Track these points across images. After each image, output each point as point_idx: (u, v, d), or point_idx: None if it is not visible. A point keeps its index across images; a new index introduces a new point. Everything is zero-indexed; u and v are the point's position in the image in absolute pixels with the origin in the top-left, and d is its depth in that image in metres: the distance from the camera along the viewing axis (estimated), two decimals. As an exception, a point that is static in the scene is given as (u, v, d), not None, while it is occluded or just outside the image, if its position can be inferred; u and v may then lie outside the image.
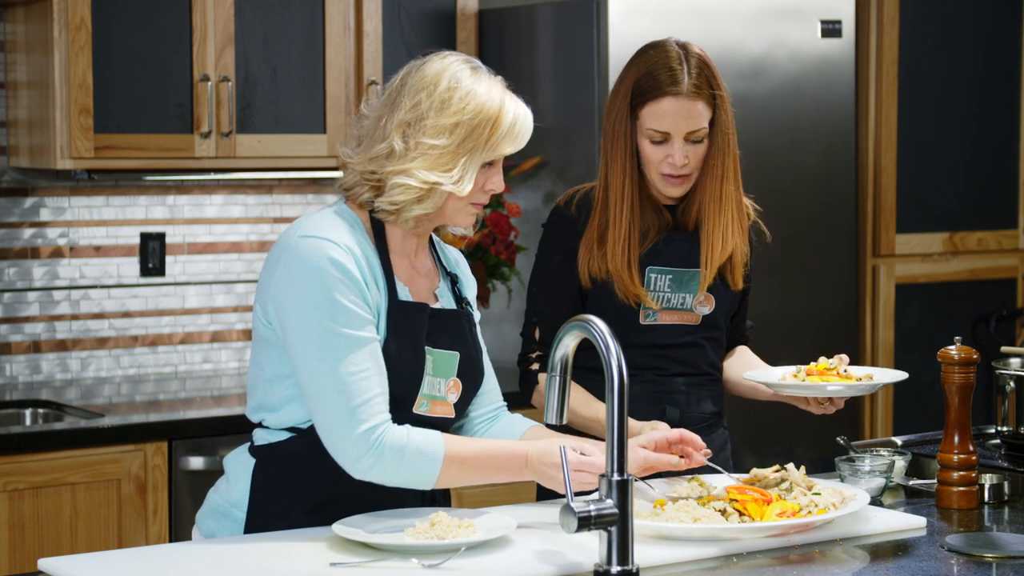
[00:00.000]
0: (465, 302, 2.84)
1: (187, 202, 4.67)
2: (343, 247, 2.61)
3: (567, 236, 3.14)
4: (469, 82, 2.68)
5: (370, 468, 2.58)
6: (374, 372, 2.60)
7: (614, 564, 2.31)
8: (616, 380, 2.33)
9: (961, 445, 2.92)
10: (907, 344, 5.32)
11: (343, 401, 2.57)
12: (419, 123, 2.65)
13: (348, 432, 2.57)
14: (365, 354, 2.59)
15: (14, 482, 3.76)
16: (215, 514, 2.73)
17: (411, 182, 2.63)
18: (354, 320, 2.59)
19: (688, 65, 3.03)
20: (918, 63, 5.34)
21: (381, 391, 2.60)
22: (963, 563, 2.53)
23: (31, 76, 4.27)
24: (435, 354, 2.71)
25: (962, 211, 5.49)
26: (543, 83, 4.77)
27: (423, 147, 2.64)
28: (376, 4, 4.61)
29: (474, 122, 2.65)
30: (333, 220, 2.66)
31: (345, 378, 2.57)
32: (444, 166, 2.64)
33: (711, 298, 3.15)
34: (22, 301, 4.45)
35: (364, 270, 2.63)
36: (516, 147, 2.72)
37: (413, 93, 2.67)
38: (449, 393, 2.74)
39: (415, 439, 2.59)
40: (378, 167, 2.66)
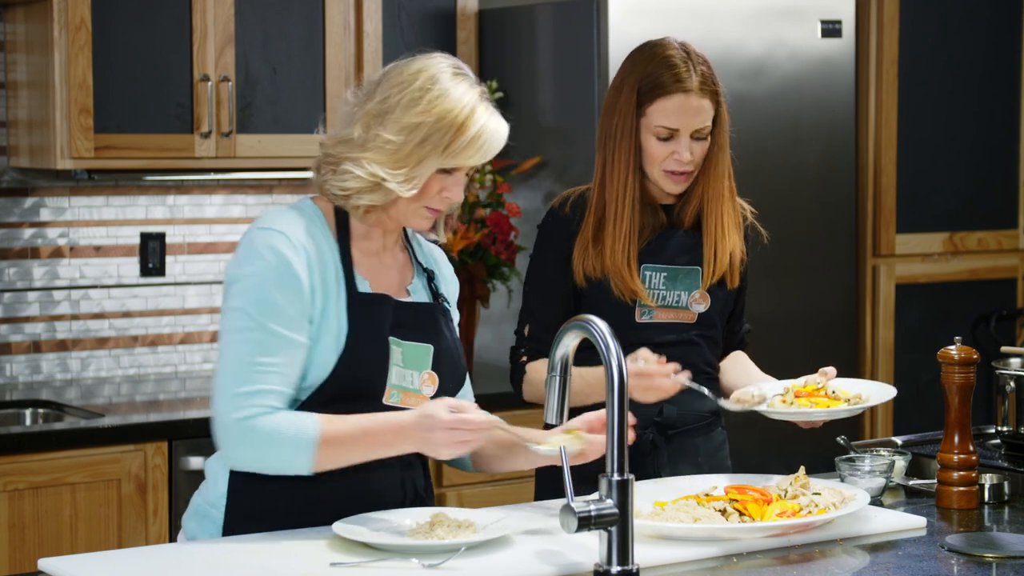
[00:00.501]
0: (441, 297, 2.84)
1: (187, 202, 4.67)
2: (294, 242, 2.62)
3: (561, 237, 3.14)
4: (444, 85, 2.66)
5: (244, 456, 2.59)
6: (280, 371, 2.59)
7: (614, 564, 2.31)
8: (616, 379, 2.33)
9: (961, 445, 2.92)
10: (907, 344, 5.32)
11: (233, 385, 2.58)
12: (383, 116, 2.65)
13: (226, 416, 2.58)
14: (279, 351, 2.59)
15: (14, 482, 3.76)
16: (196, 515, 2.74)
17: (358, 171, 2.64)
18: (280, 317, 2.59)
19: (693, 63, 3.05)
20: (918, 63, 5.34)
21: (279, 389, 2.59)
22: (963, 563, 2.53)
23: (31, 76, 4.27)
24: (404, 346, 2.70)
25: (962, 211, 5.49)
26: (543, 83, 4.77)
27: (379, 140, 2.64)
28: (376, 4, 4.62)
29: (437, 125, 2.63)
30: (291, 214, 2.68)
31: (245, 366, 2.58)
32: (395, 164, 2.64)
33: (706, 296, 3.15)
34: (22, 301, 4.45)
35: (314, 267, 2.63)
36: (480, 159, 2.68)
37: (388, 87, 2.68)
38: (424, 386, 2.73)
39: (287, 423, 2.58)
40: (338, 151, 2.68)
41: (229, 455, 2.61)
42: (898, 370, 5.30)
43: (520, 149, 4.81)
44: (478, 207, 4.72)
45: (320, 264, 2.65)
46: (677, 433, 3.14)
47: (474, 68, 4.85)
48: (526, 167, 4.76)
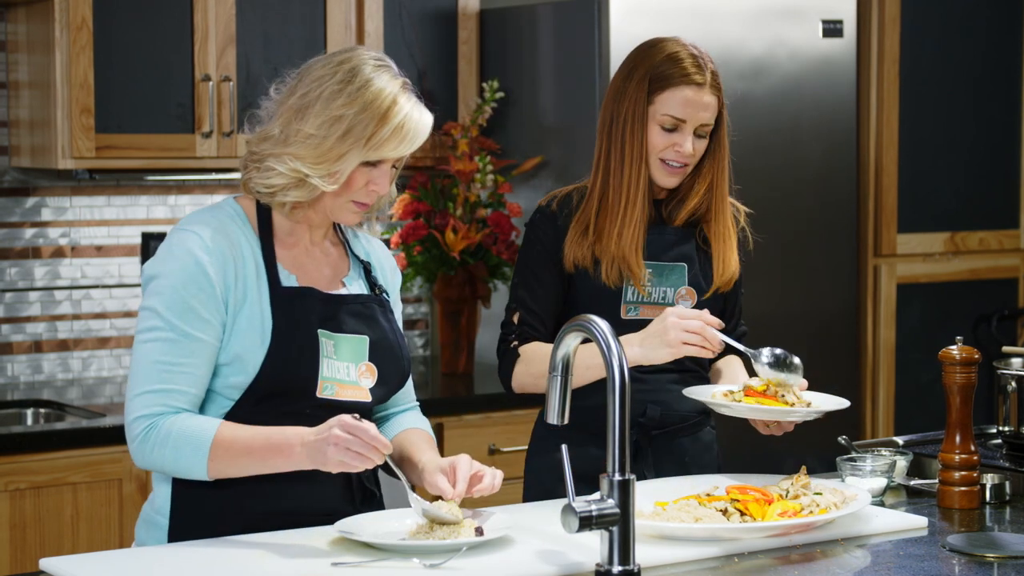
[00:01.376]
0: (379, 288, 2.83)
1: (188, 202, 4.67)
2: (207, 242, 2.62)
3: (548, 231, 3.15)
4: (366, 77, 2.64)
5: (146, 456, 2.60)
6: (186, 370, 2.59)
7: (615, 564, 2.31)
8: (618, 379, 2.33)
9: (962, 445, 2.92)
10: (908, 344, 5.32)
11: (140, 384, 2.60)
12: (305, 111, 2.64)
13: (129, 415, 2.60)
14: (187, 351, 2.59)
15: (15, 482, 3.76)
16: (144, 523, 2.74)
17: (281, 168, 2.64)
18: (189, 317, 2.59)
19: (704, 60, 3.08)
20: (919, 63, 5.34)
21: (186, 390, 2.60)
22: (964, 563, 2.53)
23: (32, 76, 4.27)
24: (337, 338, 2.69)
25: (963, 211, 5.49)
26: (544, 83, 4.77)
27: (301, 135, 2.63)
28: (377, 4, 4.61)
29: (358, 117, 2.62)
30: (208, 215, 2.68)
31: (153, 364, 2.59)
32: (317, 159, 2.63)
33: (692, 292, 3.15)
34: (23, 301, 4.45)
35: (228, 266, 2.63)
36: (403, 150, 2.66)
37: (308, 81, 2.68)
38: (362, 378, 2.72)
39: (186, 425, 2.58)
40: (261, 148, 2.68)
41: (134, 455, 2.62)
42: (899, 370, 5.30)
43: (521, 149, 4.81)
44: (479, 207, 4.72)
45: (238, 263, 2.64)
46: (661, 434, 3.14)
47: (475, 68, 4.85)
48: (527, 167, 4.76)
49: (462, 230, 4.65)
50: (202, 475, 2.59)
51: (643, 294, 3.10)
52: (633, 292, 3.10)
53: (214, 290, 2.61)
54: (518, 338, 3.15)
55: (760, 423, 3.02)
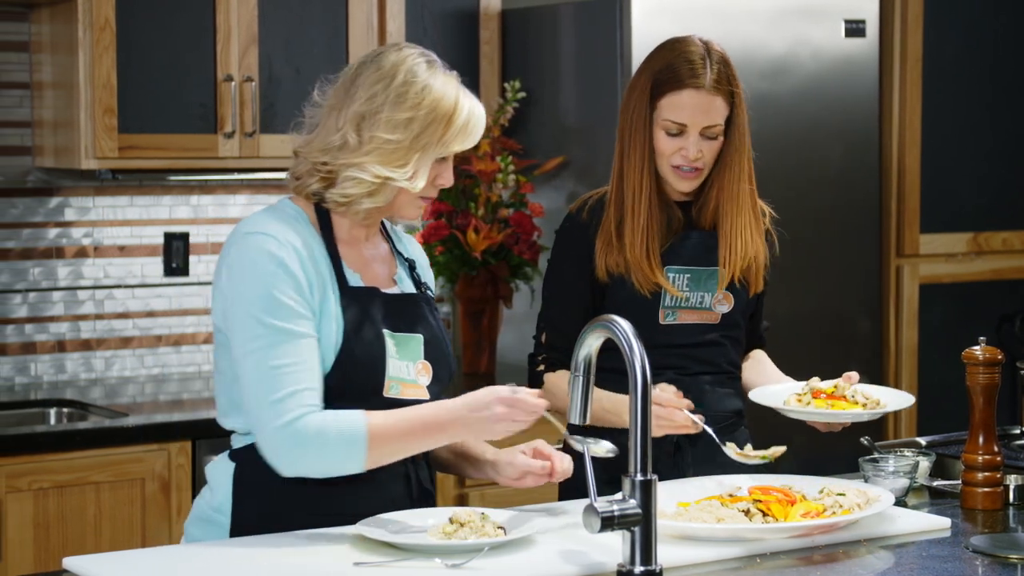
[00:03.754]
0: (424, 286, 2.84)
1: (211, 202, 4.68)
2: (283, 242, 2.61)
3: (579, 242, 3.14)
4: (425, 76, 2.65)
5: (296, 461, 2.56)
6: (304, 367, 2.57)
7: (637, 564, 2.31)
8: (640, 380, 2.32)
9: (986, 446, 2.91)
10: (931, 344, 5.30)
11: (266, 394, 2.55)
12: (374, 116, 2.64)
13: (268, 425, 2.55)
14: (296, 348, 2.57)
15: (39, 481, 3.78)
16: (200, 521, 2.73)
17: (364, 176, 2.63)
18: (287, 314, 2.58)
19: (710, 60, 3.04)
20: (942, 63, 5.32)
21: (310, 386, 2.57)
22: (988, 564, 2.53)
23: (56, 76, 4.28)
24: (397, 337, 2.70)
25: (986, 211, 5.47)
26: (565, 83, 4.77)
27: (377, 141, 2.63)
28: (399, 4, 4.62)
29: (429, 118, 2.63)
30: (277, 216, 2.66)
31: (271, 371, 2.56)
32: (397, 161, 2.63)
33: (730, 296, 3.15)
34: (47, 301, 4.47)
35: (306, 264, 2.62)
36: (469, 144, 2.70)
37: (368, 85, 2.66)
38: (419, 376, 2.73)
39: (334, 423, 2.56)
40: (331, 158, 2.66)
41: (281, 464, 2.58)
42: (922, 370, 5.29)
43: (543, 149, 4.81)
44: (501, 207, 4.72)
45: (312, 260, 2.64)
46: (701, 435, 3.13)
47: (497, 68, 4.85)
48: (549, 167, 4.76)
49: (484, 230, 4.65)
50: (358, 468, 2.58)
51: (680, 298, 3.09)
52: (672, 298, 3.09)
53: (300, 284, 2.60)
54: (545, 362, 3.15)
55: (820, 423, 3.04)
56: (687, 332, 3.13)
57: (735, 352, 3.20)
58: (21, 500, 3.75)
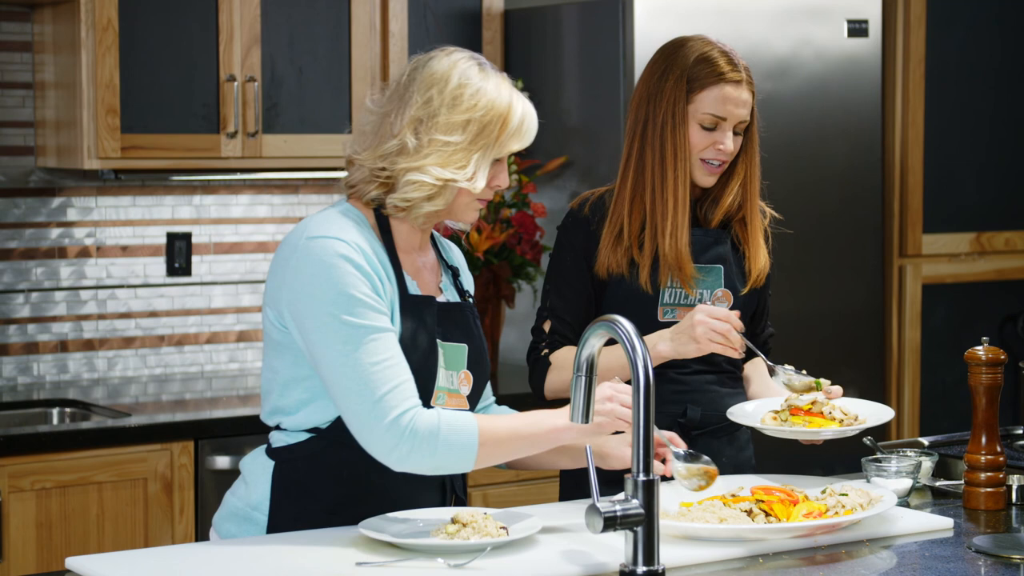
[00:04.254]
0: (467, 295, 2.85)
1: (213, 202, 4.68)
2: (352, 244, 2.60)
3: (580, 236, 3.15)
4: (478, 79, 2.67)
5: (406, 456, 2.56)
6: (397, 360, 2.58)
7: (640, 564, 2.31)
8: (642, 380, 2.32)
9: (988, 446, 2.91)
10: (933, 344, 5.30)
11: (369, 393, 2.55)
12: (432, 119, 2.64)
13: (378, 423, 2.55)
14: (385, 343, 2.58)
15: (41, 481, 3.78)
16: (235, 518, 2.73)
17: (425, 179, 2.63)
18: (370, 311, 2.58)
19: (735, 56, 3.09)
20: (945, 63, 5.32)
21: (407, 378, 2.58)
22: (990, 564, 2.52)
23: (58, 76, 4.28)
24: (446, 347, 2.71)
25: (989, 211, 5.47)
26: (568, 83, 4.77)
27: (436, 144, 2.63)
28: (402, 4, 4.62)
29: (485, 119, 2.65)
30: (339, 219, 2.65)
31: (368, 369, 2.55)
32: (458, 163, 2.64)
33: (729, 294, 3.15)
34: (49, 301, 4.47)
35: (375, 265, 2.62)
36: (524, 144, 2.71)
37: (423, 89, 2.66)
38: (462, 386, 2.74)
39: (448, 422, 2.57)
40: (389, 164, 2.66)
41: (391, 460, 2.57)
42: (924, 371, 5.29)
43: (545, 149, 4.81)
44: (503, 207, 4.72)
45: (380, 265, 2.65)
46: (701, 434, 3.13)
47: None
48: (551, 167, 4.76)
49: (486, 230, 4.66)
50: (468, 467, 2.60)
51: (692, 295, 3.10)
52: (670, 295, 3.10)
53: (375, 284, 2.61)
54: (548, 346, 3.16)
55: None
56: None
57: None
58: (24, 500, 3.76)
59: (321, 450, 2.67)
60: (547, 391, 3.15)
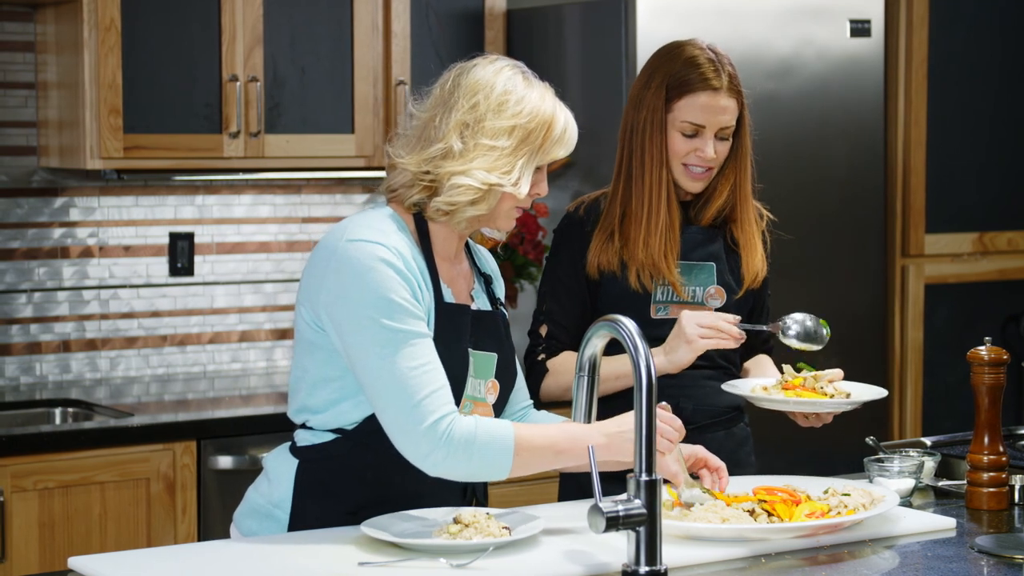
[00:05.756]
0: (499, 303, 2.85)
1: (216, 202, 4.68)
2: (392, 249, 2.60)
3: (575, 238, 3.17)
4: (523, 87, 2.68)
5: (441, 462, 2.56)
6: (435, 365, 2.58)
7: (642, 564, 2.31)
8: (644, 380, 2.32)
9: (991, 446, 2.91)
10: (936, 344, 5.30)
11: (407, 397, 2.55)
12: (478, 124, 2.64)
13: (415, 427, 2.54)
14: (423, 348, 2.58)
15: (44, 481, 3.78)
16: (256, 514, 2.73)
17: (471, 182, 2.63)
18: (409, 316, 2.57)
19: (721, 63, 3.08)
20: (947, 63, 5.32)
21: (444, 383, 2.58)
22: (993, 564, 2.52)
23: (61, 76, 4.28)
24: (476, 356, 2.71)
25: (992, 211, 5.47)
26: (570, 83, 4.77)
27: (483, 148, 2.63)
28: (404, 4, 4.62)
29: (530, 126, 2.65)
30: (380, 223, 2.65)
31: (407, 373, 2.55)
32: (503, 168, 2.64)
33: (722, 291, 3.16)
34: (52, 301, 4.47)
35: (414, 271, 2.62)
36: (566, 152, 2.72)
37: (470, 95, 2.66)
38: (488, 394, 2.74)
39: (485, 429, 2.57)
40: (433, 167, 2.65)
41: (427, 465, 2.57)
42: (927, 370, 5.29)
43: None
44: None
45: (418, 271, 2.64)
46: (694, 429, 3.13)
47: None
48: (554, 167, 4.75)
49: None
50: (503, 475, 2.60)
51: (681, 295, 3.11)
52: (663, 292, 3.11)
53: (414, 289, 2.61)
54: (546, 351, 3.16)
55: (800, 416, 3.05)
56: None
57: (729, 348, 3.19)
58: (26, 500, 3.76)
59: (347, 451, 2.66)
60: (543, 395, 3.17)
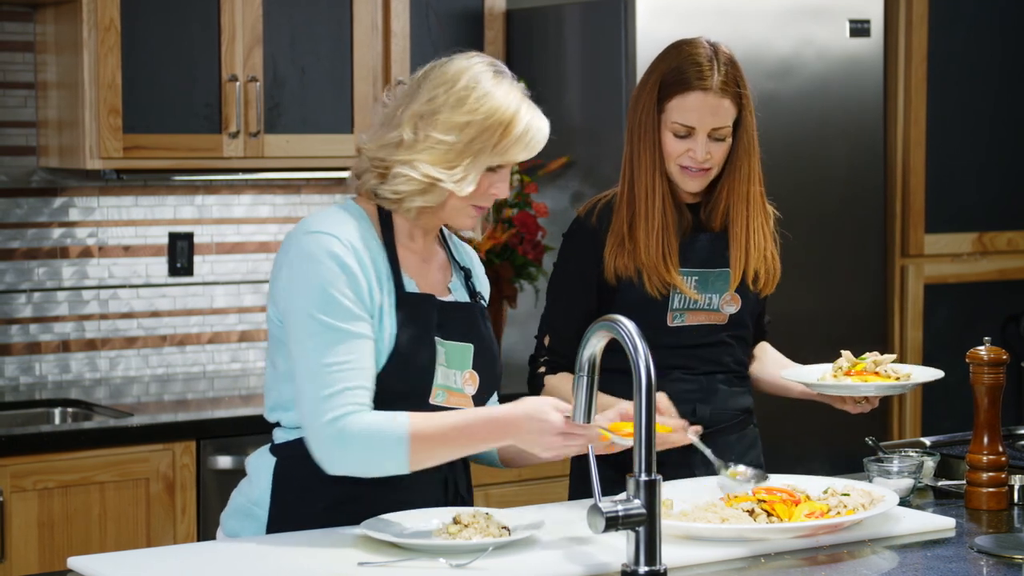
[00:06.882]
0: (479, 296, 2.85)
1: (215, 202, 4.68)
2: (345, 242, 2.62)
3: (587, 247, 3.14)
4: (488, 84, 2.67)
5: (339, 459, 2.58)
6: (356, 366, 2.58)
7: (642, 564, 2.31)
8: (644, 380, 2.32)
9: (990, 446, 2.91)
10: (936, 345, 5.30)
11: (316, 390, 2.57)
12: (431, 117, 2.65)
13: (316, 422, 2.57)
14: (350, 347, 2.59)
15: (43, 481, 3.78)
16: (238, 514, 2.74)
17: (413, 174, 2.64)
18: (344, 313, 2.59)
19: (717, 63, 3.04)
20: (947, 63, 5.32)
21: (360, 385, 2.58)
22: (992, 564, 2.52)
23: (61, 76, 4.28)
24: (447, 346, 2.71)
25: (991, 211, 5.46)
26: (570, 83, 4.77)
27: (431, 141, 2.64)
28: (404, 4, 4.62)
29: (486, 123, 2.64)
30: (338, 216, 2.68)
31: (323, 368, 2.57)
32: (448, 163, 2.64)
33: (738, 298, 3.15)
34: (51, 301, 4.47)
35: (367, 266, 2.63)
36: (526, 155, 2.70)
37: (432, 87, 2.68)
38: (466, 385, 2.74)
39: (379, 423, 2.56)
40: (386, 155, 2.68)
41: (325, 461, 2.59)
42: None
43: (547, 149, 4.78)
44: (505, 207, 4.72)
45: (372, 264, 2.65)
46: (710, 432, 3.13)
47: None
48: (553, 167, 4.76)
49: (488, 230, 4.65)
50: (401, 469, 2.58)
51: (693, 298, 3.09)
52: (680, 300, 3.09)
53: (361, 287, 2.61)
54: (546, 365, 3.16)
55: (851, 402, 3.05)
56: (695, 333, 3.13)
57: (742, 351, 3.20)
58: (26, 500, 3.76)
59: None
60: None
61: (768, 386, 3.26)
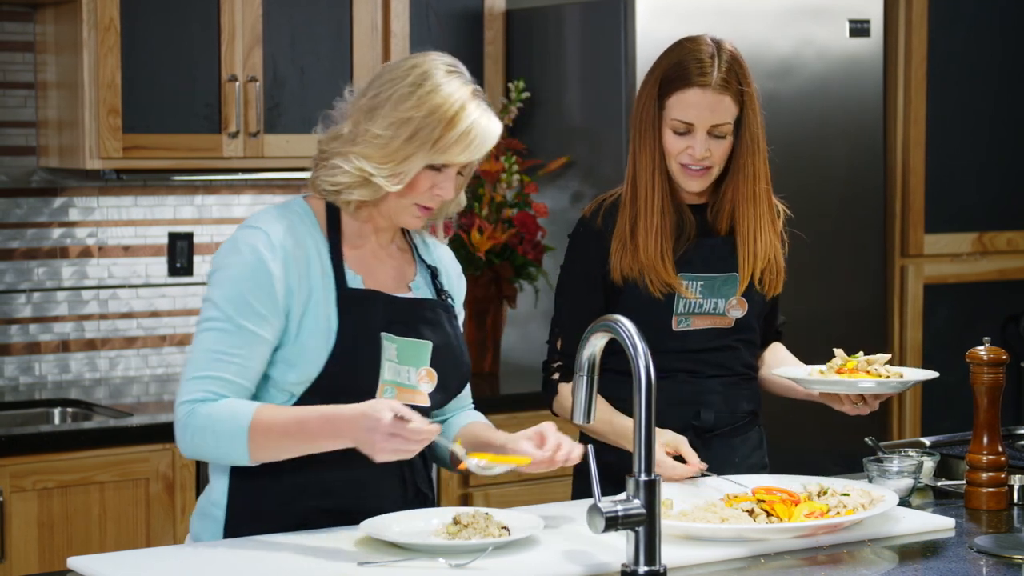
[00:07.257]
0: (445, 294, 2.83)
1: (215, 202, 4.68)
2: (273, 239, 2.64)
3: (593, 248, 3.12)
4: (437, 80, 2.65)
5: (187, 443, 2.62)
6: (238, 361, 2.60)
7: (641, 564, 2.31)
8: (644, 381, 2.32)
9: (990, 446, 2.91)
10: (936, 345, 5.30)
11: (189, 371, 2.63)
12: (374, 112, 2.66)
13: (176, 402, 2.63)
14: (235, 342, 2.60)
15: (43, 481, 3.78)
16: (200, 515, 2.75)
17: (347, 166, 2.65)
18: (245, 310, 2.61)
19: (719, 59, 3.01)
20: (947, 63, 5.32)
21: (233, 379, 2.60)
22: (992, 564, 2.52)
23: (60, 76, 4.28)
24: (400, 342, 2.69)
25: (991, 211, 5.46)
26: (570, 83, 4.77)
27: (368, 135, 2.65)
28: (403, 4, 4.62)
29: (426, 120, 2.62)
30: (276, 213, 2.70)
31: (205, 352, 2.61)
32: (382, 159, 2.64)
33: (744, 302, 3.12)
34: (51, 301, 4.47)
35: (293, 264, 2.64)
36: (469, 156, 2.66)
37: (381, 83, 2.69)
38: (421, 382, 2.72)
39: (222, 412, 2.58)
40: (327, 147, 2.71)
41: (178, 443, 2.65)
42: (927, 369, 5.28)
43: (547, 149, 4.81)
44: (505, 207, 4.72)
45: (303, 262, 2.65)
46: (715, 436, 3.13)
47: (501, 68, 4.85)
48: (553, 167, 4.76)
49: (488, 230, 4.65)
50: (244, 460, 2.59)
51: (695, 300, 3.08)
52: (685, 304, 3.08)
53: (274, 288, 2.62)
54: (560, 371, 3.15)
55: (848, 403, 3.03)
56: (700, 337, 3.11)
57: (749, 354, 3.18)
58: (26, 500, 3.76)
59: None
60: (555, 411, 3.19)
61: (771, 385, 3.25)
